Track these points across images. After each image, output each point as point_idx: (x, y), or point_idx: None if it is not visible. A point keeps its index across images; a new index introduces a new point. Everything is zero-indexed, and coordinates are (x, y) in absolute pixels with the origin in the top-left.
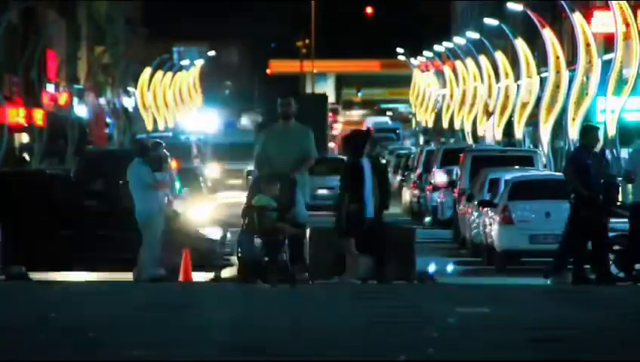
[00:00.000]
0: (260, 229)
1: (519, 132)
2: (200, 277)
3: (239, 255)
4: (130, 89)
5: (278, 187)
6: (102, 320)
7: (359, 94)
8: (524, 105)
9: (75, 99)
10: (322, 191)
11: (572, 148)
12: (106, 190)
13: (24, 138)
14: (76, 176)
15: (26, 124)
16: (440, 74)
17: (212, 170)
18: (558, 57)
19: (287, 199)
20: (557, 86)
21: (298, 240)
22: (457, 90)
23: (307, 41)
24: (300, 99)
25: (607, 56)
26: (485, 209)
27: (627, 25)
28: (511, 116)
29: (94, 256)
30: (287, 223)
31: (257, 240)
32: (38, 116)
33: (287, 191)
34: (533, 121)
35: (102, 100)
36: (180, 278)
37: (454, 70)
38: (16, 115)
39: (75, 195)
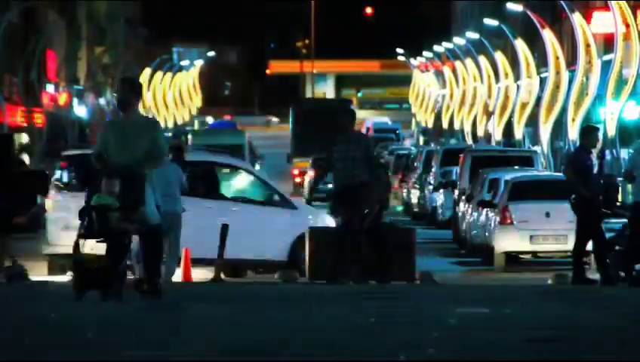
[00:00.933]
0: (100, 232)
1: (519, 132)
2: (200, 277)
3: (74, 262)
4: None
5: (117, 184)
6: (102, 320)
7: (359, 95)
8: (523, 105)
9: (75, 100)
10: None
11: (572, 149)
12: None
13: (24, 138)
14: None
15: (25, 124)
16: (440, 74)
17: None
18: (557, 58)
19: (133, 197)
20: (557, 86)
21: (155, 244)
22: (457, 91)
23: (307, 41)
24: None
25: (607, 57)
26: (485, 209)
27: (627, 25)
28: (511, 116)
29: None
30: (135, 224)
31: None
32: (38, 116)
33: (134, 189)
34: (533, 121)
35: (102, 100)
36: (181, 278)
37: (454, 70)
38: (16, 115)
39: None
